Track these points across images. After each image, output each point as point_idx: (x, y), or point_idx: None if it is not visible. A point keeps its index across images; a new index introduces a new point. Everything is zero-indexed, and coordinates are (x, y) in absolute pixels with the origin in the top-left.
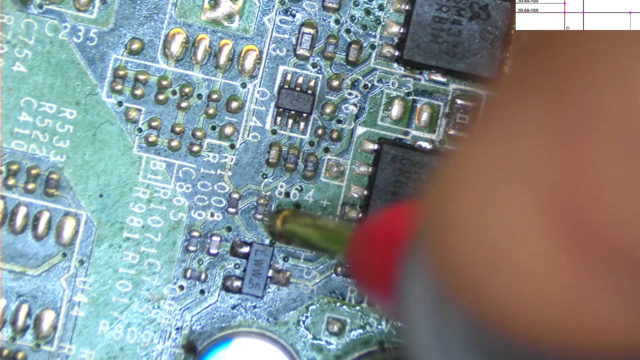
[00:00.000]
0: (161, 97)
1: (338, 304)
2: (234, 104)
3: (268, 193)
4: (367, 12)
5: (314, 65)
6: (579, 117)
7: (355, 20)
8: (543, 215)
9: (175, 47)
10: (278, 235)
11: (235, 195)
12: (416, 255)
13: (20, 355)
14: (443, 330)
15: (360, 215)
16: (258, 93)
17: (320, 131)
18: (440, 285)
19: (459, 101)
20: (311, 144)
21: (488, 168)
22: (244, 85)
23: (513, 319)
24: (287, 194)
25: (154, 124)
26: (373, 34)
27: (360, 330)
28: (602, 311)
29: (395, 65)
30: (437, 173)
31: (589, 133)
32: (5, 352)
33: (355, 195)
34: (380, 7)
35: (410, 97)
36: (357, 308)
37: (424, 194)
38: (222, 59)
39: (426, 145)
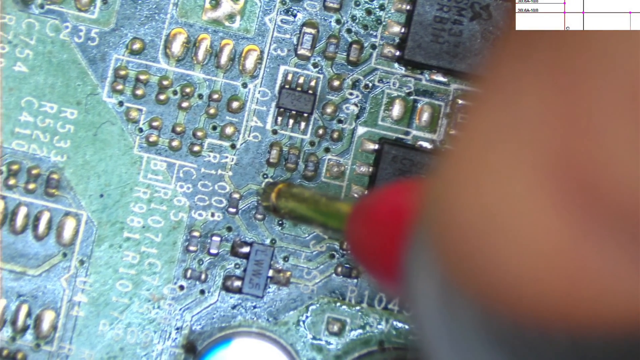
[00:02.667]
0: (162, 97)
1: (338, 304)
2: (235, 104)
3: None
4: (368, 12)
5: (315, 65)
6: (578, 78)
7: (356, 20)
8: (545, 184)
9: (177, 47)
10: (272, 208)
11: (236, 195)
12: (420, 237)
13: (20, 355)
14: (451, 315)
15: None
16: (259, 93)
17: (321, 131)
18: (446, 269)
19: (460, 101)
20: (312, 144)
21: (486, 136)
22: (244, 85)
23: (520, 297)
24: None
25: (155, 124)
26: (374, 33)
27: (360, 330)
28: (610, 276)
29: (396, 65)
30: (441, 152)
31: (587, 91)
32: (5, 352)
33: (356, 195)
34: (382, 7)
35: (411, 97)
36: (357, 308)
37: (427, 174)
38: (223, 59)
39: (427, 145)
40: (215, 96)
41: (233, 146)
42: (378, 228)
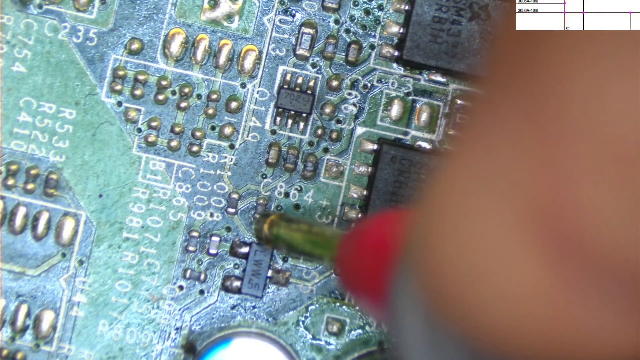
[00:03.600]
0: (161, 97)
1: (337, 304)
2: (234, 104)
3: (267, 193)
4: (367, 12)
5: (314, 65)
6: (556, 125)
7: (355, 20)
8: (524, 230)
9: (175, 47)
10: (265, 239)
11: (235, 196)
12: (404, 272)
13: (19, 356)
14: (435, 349)
15: (359, 215)
16: (257, 93)
17: (319, 131)
18: (429, 305)
19: (458, 101)
20: (311, 144)
21: (466, 182)
22: (243, 85)
23: (503, 338)
24: (287, 194)
25: (154, 124)
26: (373, 34)
27: (360, 331)
28: (596, 326)
29: (394, 65)
30: (424, 188)
31: (567, 142)
32: (5, 352)
33: (355, 196)
34: (380, 7)
35: (410, 97)
36: (357, 308)
37: (413, 203)
38: (222, 59)
39: (426, 145)
40: (214, 96)
41: (232, 146)
42: (365, 258)
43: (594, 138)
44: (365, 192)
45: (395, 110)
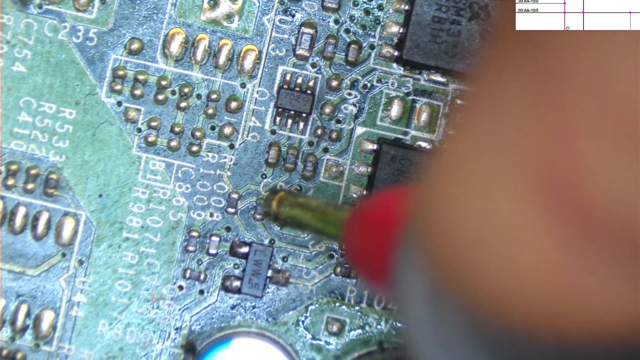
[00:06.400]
0: (160, 97)
1: (337, 304)
2: (233, 104)
3: (267, 193)
4: (367, 12)
5: (314, 65)
6: (560, 90)
7: (355, 20)
8: (529, 197)
9: (175, 47)
10: (273, 216)
11: (235, 196)
12: (409, 244)
13: (19, 355)
14: (439, 320)
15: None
16: (257, 93)
17: (319, 131)
18: (433, 276)
19: (458, 101)
20: (310, 144)
21: (471, 150)
22: (243, 85)
23: (508, 307)
24: None
25: (154, 124)
26: (372, 34)
27: (360, 330)
28: (596, 289)
29: (394, 65)
30: (429, 161)
31: (571, 104)
32: (5, 352)
33: (355, 196)
34: (380, 7)
35: (410, 97)
36: (357, 308)
37: (419, 180)
38: (222, 59)
39: (426, 145)
40: (214, 96)
41: (232, 146)
42: (370, 233)
43: (597, 101)
44: (365, 192)
45: (395, 110)
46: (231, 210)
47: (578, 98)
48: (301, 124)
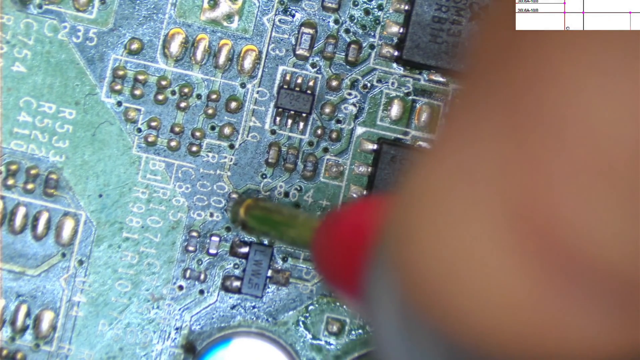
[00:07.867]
0: (160, 97)
1: (337, 304)
2: (233, 104)
3: (267, 193)
4: (367, 12)
5: (313, 65)
6: (537, 122)
7: (355, 20)
8: (501, 230)
9: (175, 47)
10: (241, 223)
11: (235, 196)
12: (380, 262)
13: (19, 356)
14: (410, 339)
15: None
16: (257, 93)
17: (319, 131)
18: (404, 299)
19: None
20: (310, 144)
21: (445, 177)
22: (243, 85)
23: (479, 333)
24: (287, 194)
25: (153, 124)
26: (372, 34)
27: (360, 331)
28: (567, 321)
29: (394, 65)
30: (403, 178)
31: (547, 141)
32: (5, 352)
33: (355, 196)
34: (380, 7)
35: (410, 97)
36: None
37: (391, 191)
38: (222, 59)
39: (426, 145)
40: (214, 96)
41: (232, 146)
42: (341, 245)
43: (570, 139)
44: (365, 192)
45: (395, 110)
46: None
47: (555, 131)
48: (301, 124)
